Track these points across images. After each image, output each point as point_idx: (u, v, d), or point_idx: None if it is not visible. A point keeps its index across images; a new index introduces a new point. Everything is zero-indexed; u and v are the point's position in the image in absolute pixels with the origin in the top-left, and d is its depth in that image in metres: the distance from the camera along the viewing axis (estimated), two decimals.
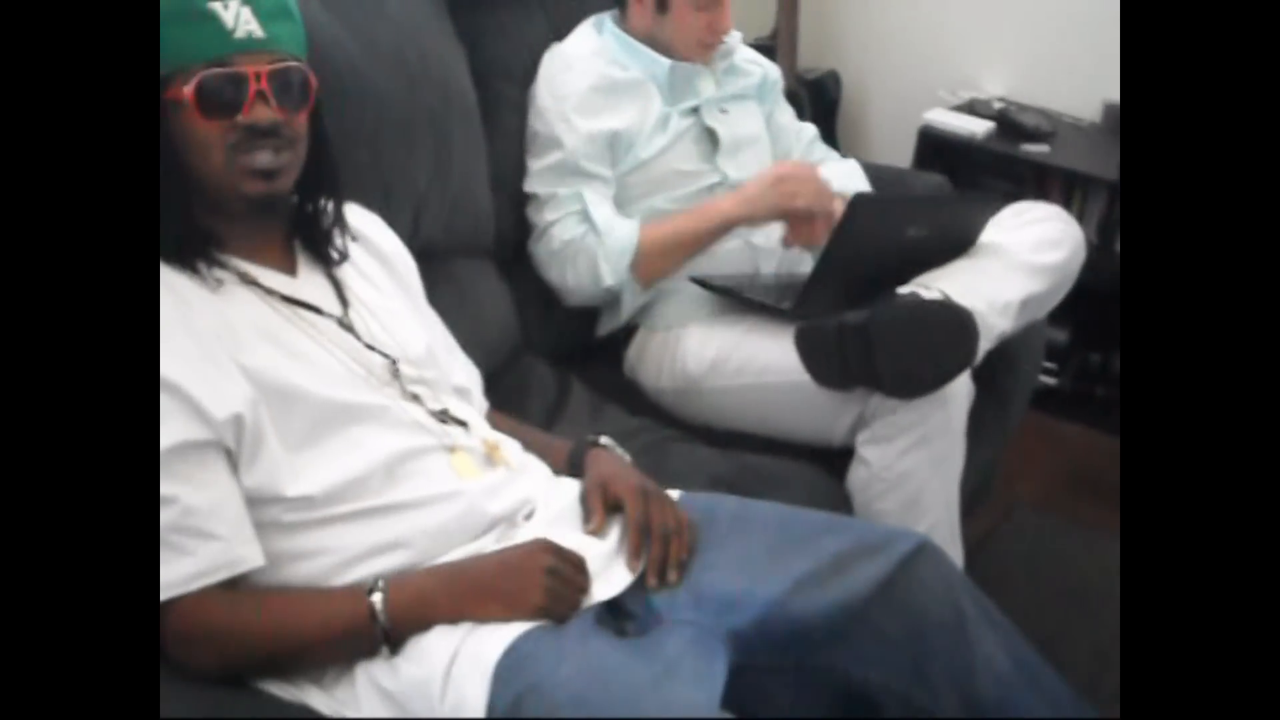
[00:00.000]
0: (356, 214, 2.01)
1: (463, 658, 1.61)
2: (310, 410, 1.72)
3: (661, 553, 1.80)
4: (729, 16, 2.76)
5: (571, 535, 1.82)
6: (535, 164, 2.70)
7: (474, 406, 2.05)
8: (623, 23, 2.80)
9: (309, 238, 1.90)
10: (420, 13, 2.58)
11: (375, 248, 2.02)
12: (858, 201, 2.42)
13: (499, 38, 2.78)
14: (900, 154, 3.91)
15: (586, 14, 2.85)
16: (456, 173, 2.55)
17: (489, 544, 1.78)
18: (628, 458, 2.02)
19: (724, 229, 2.66)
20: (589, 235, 2.64)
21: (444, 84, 2.56)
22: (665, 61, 2.74)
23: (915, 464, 2.34)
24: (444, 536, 1.75)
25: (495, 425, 2.04)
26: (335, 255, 1.90)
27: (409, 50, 2.46)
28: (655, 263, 2.66)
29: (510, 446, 1.94)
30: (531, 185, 2.70)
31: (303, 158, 1.82)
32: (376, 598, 1.64)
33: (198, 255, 1.76)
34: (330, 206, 1.91)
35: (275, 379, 1.70)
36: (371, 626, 1.64)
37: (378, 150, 2.32)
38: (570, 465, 1.99)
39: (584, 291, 2.70)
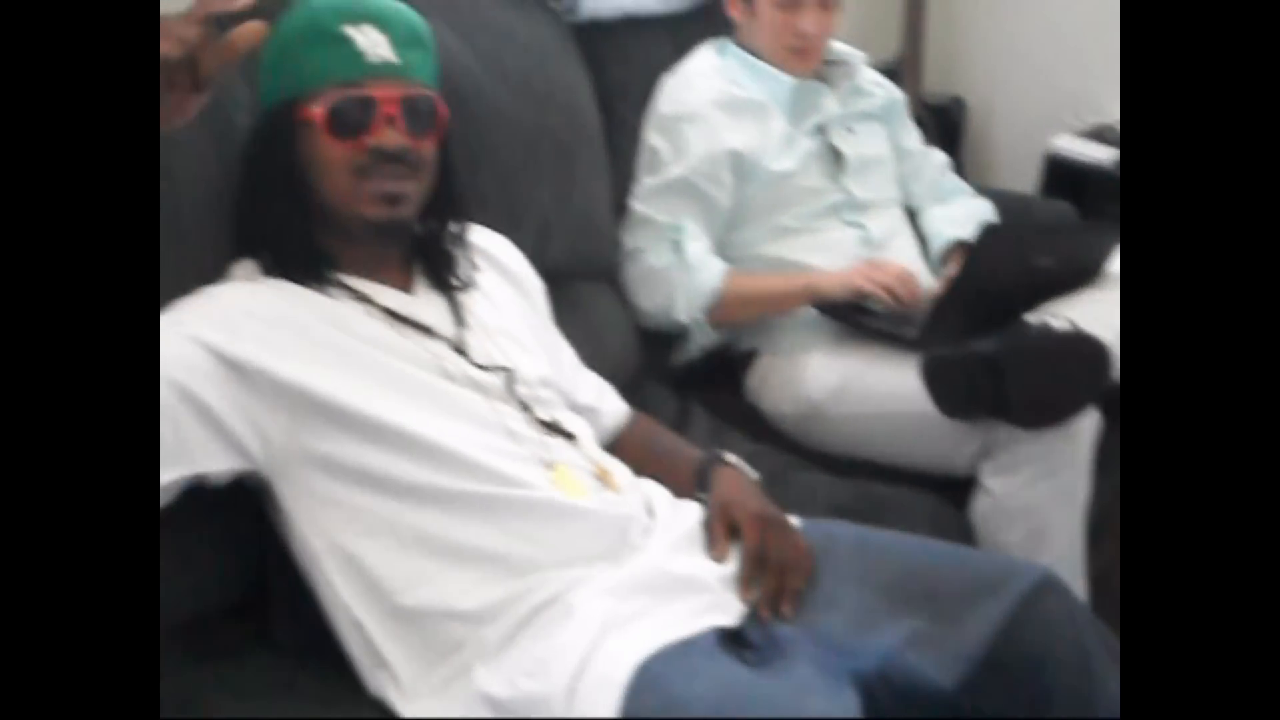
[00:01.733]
0: (482, 235, 2.03)
1: (589, 677, 1.59)
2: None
3: (776, 585, 1.77)
4: (815, 19, 2.71)
5: (692, 559, 1.81)
6: (649, 180, 2.70)
7: (604, 422, 2.06)
8: (739, 40, 2.80)
9: (430, 261, 1.91)
10: (547, 38, 2.60)
11: (502, 267, 2.03)
12: (986, 231, 2.40)
13: (623, 62, 2.80)
14: (1026, 181, 3.86)
15: (713, 37, 2.85)
16: (580, 196, 2.56)
17: (603, 569, 1.76)
18: (754, 475, 2.00)
19: (808, 298, 2.63)
20: (675, 268, 2.64)
21: (569, 108, 2.57)
22: (788, 80, 2.73)
23: (1040, 496, 2.30)
24: (544, 547, 1.74)
25: (634, 426, 2.07)
26: (456, 282, 1.91)
27: (535, 75, 2.48)
28: (732, 311, 2.65)
29: (622, 473, 1.92)
30: (636, 203, 2.70)
31: (426, 185, 1.84)
32: None
33: (313, 276, 1.78)
34: (453, 232, 1.92)
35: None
36: None
37: (503, 174, 2.34)
38: (697, 479, 1.97)
39: (657, 321, 2.70)
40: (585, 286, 2.60)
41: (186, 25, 1.30)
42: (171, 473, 1.62)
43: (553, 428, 1.86)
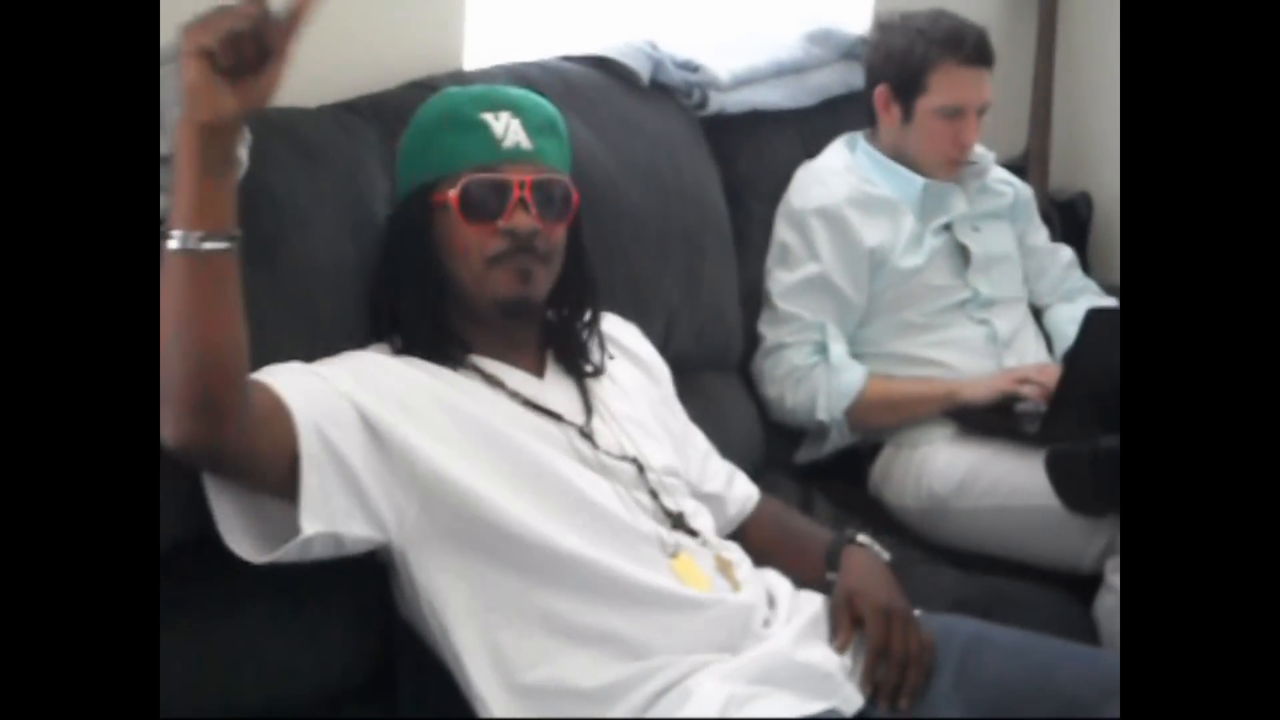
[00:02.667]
0: (613, 323, 2.06)
1: None
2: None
3: (897, 679, 1.78)
4: (974, 131, 2.74)
5: (812, 648, 1.81)
6: (786, 276, 2.71)
7: (731, 510, 2.07)
8: (874, 140, 2.82)
9: (562, 347, 1.94)
10: (676, 130, 2.64)
11: (632, 354, 2.06)
12: (1092, 317, 2.37)
13: (752, 156, 2.83)
14: None
15: (838, 133, 2.88)
16: (708, 287, 2.58)
17: (724, 657, 1.76)
18: (885, 555, 2.00)
19: (949, 404, 2.64)
20: (819, 367, 2.65)
21: (698, 200, 2.60)
22: (919, 180, 2.74)
23: None
24: (664, 633, 1.75)
25: (764, 509, 2.09)
26: (589, 368, 1.94)
27: (664, 166, 2.52)
28: (872, 414, 2.66)
29: (744, 566, 1.93)
30: (777, 299, 2.71)
31: (557, 270, 1.87)
32: None
33: (445, 357, 1.82)
34: (585, 319, 1.95)
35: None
36: None
37: (632, 263, 2.37)
38: (827, 559, 1.97)
39: (795, 418, 2.71)
40: (710, 376, 2.61)
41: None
42: (313, 525, 1.61)
43: (678, 520, 1.88)
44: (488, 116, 1.83)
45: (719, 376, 2.66)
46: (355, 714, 1.90)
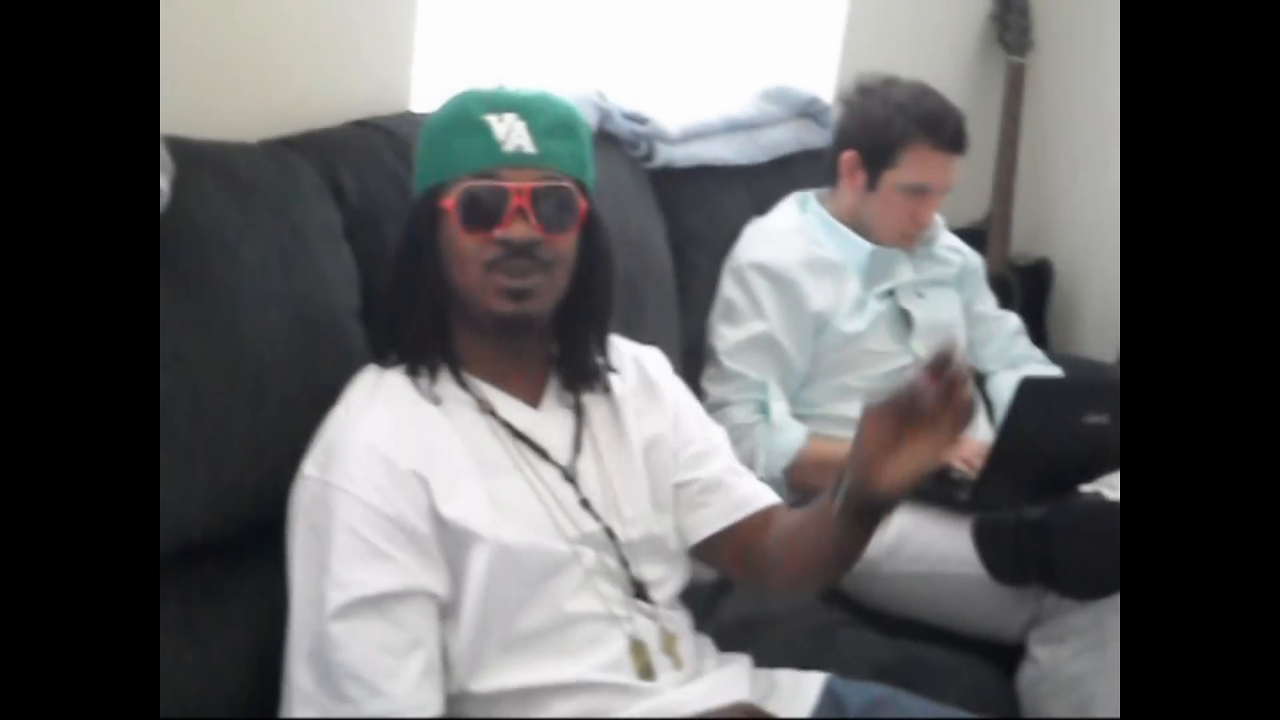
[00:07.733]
0: (637, 348, 2.02)
1: None
2: (498, 558, 1.71)
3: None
4: (933, 210, 2.75)
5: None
6: (731, 333, 2.70)
7: (734, 495, 2.03)
8: (828, 201, 2.81)
9: (567, 370, 1.88)
10: (622, 179, 2.63)
11: (649, 380, 2.00)
12: (1025, 386, 2.35)
13: (699, 210, 2.82)
14: (1112, 348, 3.82)
15: (789, 190, 2.87)
16: (648, 339, 2.53)
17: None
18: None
19: None
20: (760, 425, 2.64)
21: (641, 250, 2.59)
22: (866, 245, 2.74)
23: (1087, 667, 2.25)
24: (592, 713, 1.72)
25: (776, 520, 2.02)
26: (593, 387, 1.89)
27: (610, 217, 2.47)
28: (811, 474, 2.62)
29: (686, 641, 1.88)
30: (724, 356, 2.70)
31: (562, 282, 1.79)
32: None
33: (432, 366, 1.78)
34: (594, 339, 1.88)
35: (469, 527, 1.70)
36: None
37: None
38: (834, 486, 1.84)
39: None
40: None
41: None
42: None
43: (640, 591, 1.83)
44: (490, 118, 1.73)
45: None
46: None
